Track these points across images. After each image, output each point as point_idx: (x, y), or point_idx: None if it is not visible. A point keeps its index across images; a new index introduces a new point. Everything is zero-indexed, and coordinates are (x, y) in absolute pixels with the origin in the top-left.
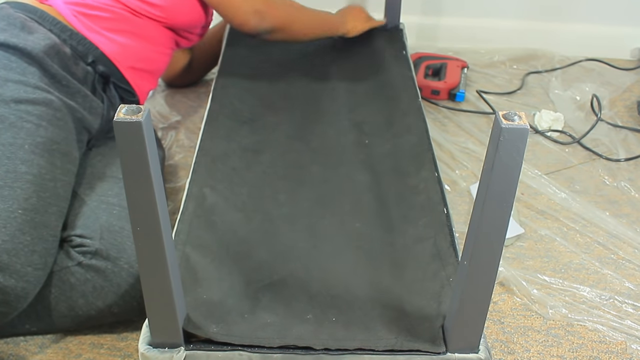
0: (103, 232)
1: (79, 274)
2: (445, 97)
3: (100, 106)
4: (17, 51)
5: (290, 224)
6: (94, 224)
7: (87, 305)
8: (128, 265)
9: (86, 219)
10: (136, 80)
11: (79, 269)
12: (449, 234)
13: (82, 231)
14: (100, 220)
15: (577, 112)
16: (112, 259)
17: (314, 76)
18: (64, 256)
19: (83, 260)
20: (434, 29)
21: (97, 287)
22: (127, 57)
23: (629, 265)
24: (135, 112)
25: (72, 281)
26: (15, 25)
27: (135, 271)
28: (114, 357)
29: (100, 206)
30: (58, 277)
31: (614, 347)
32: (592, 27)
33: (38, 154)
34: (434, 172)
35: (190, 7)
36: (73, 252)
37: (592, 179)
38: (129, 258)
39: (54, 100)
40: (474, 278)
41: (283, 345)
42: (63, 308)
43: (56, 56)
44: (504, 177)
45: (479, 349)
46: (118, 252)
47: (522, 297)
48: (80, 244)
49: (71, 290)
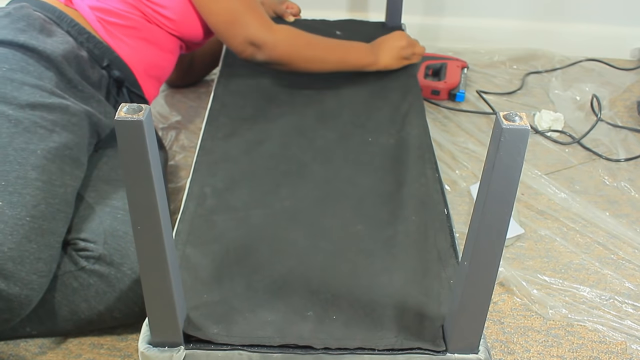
0: (107, 237)
1: (82, 279)
2: (445, 97)
3: (114, 111)
4: (35, 54)
5: (291, 223)
6: (98, 228)
7: (89, 310)
8: (131, 271)
9: (90, 222)
10: (147, 86)
11: (82, 273)
12: (449, 234)
13: (86, 235)
14: (105, 225)
15: (577, 112)
16: (115, 264)
17: (316, 76)
18: (68, 260)
19: (86, 265)
20: (435, 29)
21: (100, 292)
22: (141, 62)
23: (629, 266)
24: (136, 111)
25: (75, 285)
26: (35, 26)
27: (138, 277)
28: (114, 357)
29: (105, 209)
30: (61, 282)
31: (614, 347)
32: (592, 27)
33: (50, 160)
34: (435, 172)
35: (198, 21)
36: (76, 256)
37: (592, 179)
38: (132, 264)
39: (70, 106)
40: (474, 278)
41: (283, 345)
42: (65, 312)
43: (74, 60)
44: (504, 178)
45: (479, 349)
46: (121, 257)
47: (522, 297)
48: (84, 248)
49: (74, 294)
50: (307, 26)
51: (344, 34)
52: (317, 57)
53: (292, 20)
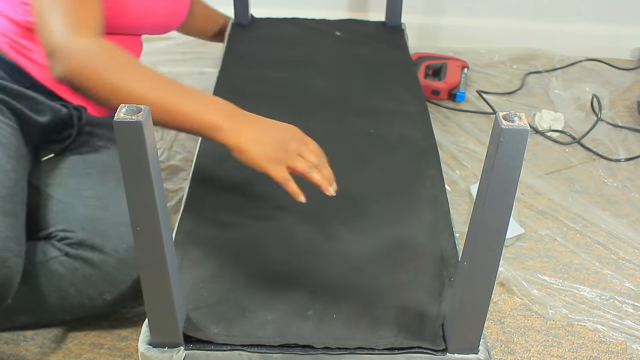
0: (84, 223)
1: (68, 263)
2: (445, 97)
3: (50, 107)
4: None
5: (291, 222)
6: (73, 218)
7: (79, 294)
8: (114, 251)
9: (64, 214)
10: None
11: (67, 258)
12: (451, 234)
13: (63, 226)
14: (79, 213)
15: (577, 112)
16: (97, 247)
17: (317, 76)
18: (51, 247)
19: (69, 250)
20: (435, 29)
21: (87, 276)
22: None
23: (629, 265)
24: (135, 112)
25: (61, 271)
26: None
27: (122, 256)
28: (114, 357)
29: (76, 200)
30: (47, 268)
31: (614, 347)
32: (592, 27)
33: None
34: (439, 172)
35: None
36: (59, 244)
37: (592, 179)
38: (113, 244)
39: None
40: (474, 278)
41: (283, 345)
42: (54, 298)
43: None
44: (504, 178)
45: (479, 349)
46: (102, 239)
47: (522, 297)
48: (64, 237)
49: (60, 280)
50: (307, 26)
51: (344, 34)
52: (127, 87)
53: None
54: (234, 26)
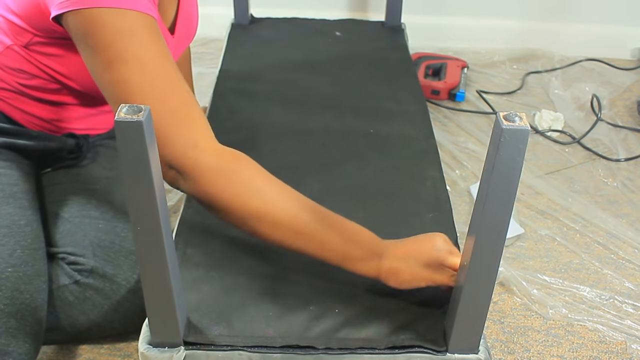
0: (95, 249)
1: (78, 292)
2: (445, 97)
3: (57, 138)
4: None
5: None
6: (84, 241)
7: (88, 322)
8: (125, 281)
9: (74, 235)
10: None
11: (77, 287)
12: (452, 234)
13: (73, 249)
14: (89, 237)
15: (577, 112)
16: (108, 276)
17: (316, 76)
18: (61, 272)
19: (80, 278)
20: (435, 29)
21: (97, 305)
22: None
23: (629, 265)
24: (135, 112)
25: (71, 299)
26: None
27: (133, 286)
28: (114, 357)
29: (84, 221)
30: (57, 296)
31: (614, 347)
32: (592, 27)
33: (3, 203)
34: (440, 172)
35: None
36: (69, 269)
37: (592, 179)
38: (125, 274)
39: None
40: (474, 278)
41: (284, 345)
42: (65, 324)
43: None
44: (504, 178)
45: (479, 349)
46: (114, 268)
47: (522, 297)
48: (74, 262)
49: (71, 308)
50: (307, 26)
51: (344, 34)
52: (284, 228)
53: None
54: (234, 26)
